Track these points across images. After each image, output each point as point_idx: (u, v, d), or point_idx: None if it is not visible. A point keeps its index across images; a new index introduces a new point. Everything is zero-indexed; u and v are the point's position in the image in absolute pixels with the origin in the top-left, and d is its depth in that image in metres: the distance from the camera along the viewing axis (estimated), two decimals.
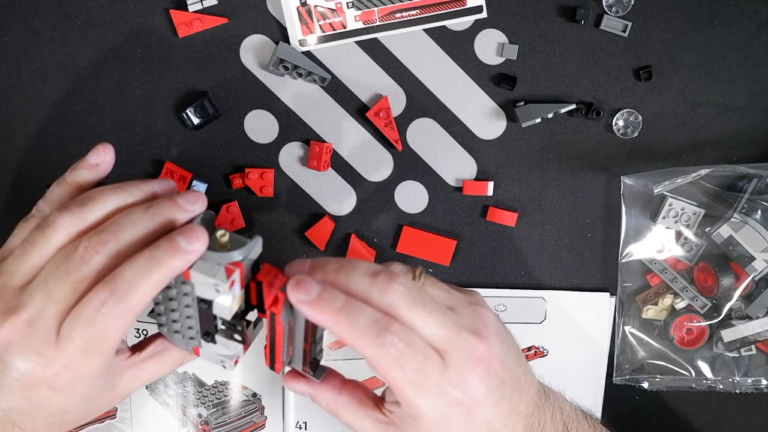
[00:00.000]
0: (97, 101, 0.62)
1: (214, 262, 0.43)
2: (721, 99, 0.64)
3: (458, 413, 0.44)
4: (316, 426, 0.66)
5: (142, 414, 0.65)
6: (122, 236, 0.43)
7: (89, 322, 0.41)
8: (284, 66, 0.61)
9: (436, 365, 0.43)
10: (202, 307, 0.45)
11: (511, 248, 0.66)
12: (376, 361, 0.42)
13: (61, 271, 0.42)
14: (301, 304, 0.42)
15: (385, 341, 0.42)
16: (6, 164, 0.63)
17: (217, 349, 0.47)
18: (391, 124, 0.63)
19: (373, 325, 0.42)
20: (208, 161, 0.63)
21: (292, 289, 0.42)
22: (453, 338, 0.44)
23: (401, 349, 0.42)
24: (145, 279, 0.41)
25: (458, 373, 0.43)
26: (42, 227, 0.44)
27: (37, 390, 0.43)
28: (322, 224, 0.64)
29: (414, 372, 0.42)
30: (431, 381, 0.43)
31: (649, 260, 0.66)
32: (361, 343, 0.42)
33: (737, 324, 0.65)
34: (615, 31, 0.62)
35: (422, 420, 0.44)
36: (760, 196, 0.64)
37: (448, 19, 0.62)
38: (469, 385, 0.44)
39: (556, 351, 0.66)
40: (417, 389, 0.43)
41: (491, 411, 0.45)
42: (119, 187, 0.46)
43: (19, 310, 0.42)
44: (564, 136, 0.64)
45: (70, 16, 0.61)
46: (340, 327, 0.42)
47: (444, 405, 0.44)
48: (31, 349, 0.42)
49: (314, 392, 0.49)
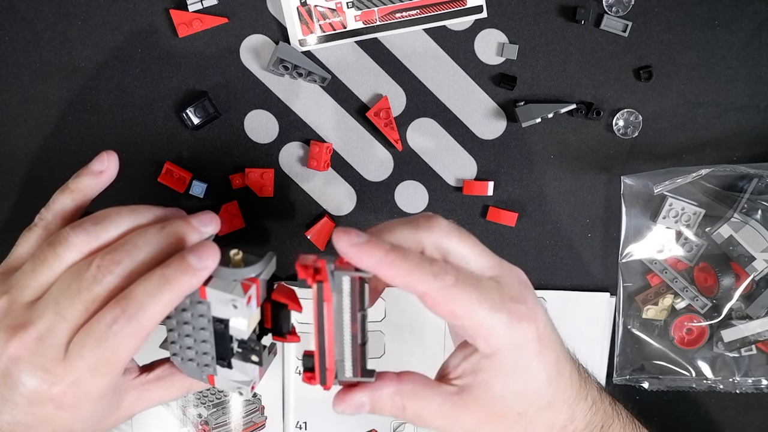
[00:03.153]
0: (97, 101, 0.62)
1: (230, 278, 0.43)
2: (721, 99, 0.64)
3: (532, 333, 0.44)
4: (316, 426, 0.66)
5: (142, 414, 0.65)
6: (135, 256, 0.43)
7: (100, 339, 0.41)
8: (284, 66, 0.61)
9: (493, 286, 0.43)
10: (219, 328, 0.44)
11: (511, 248, 0.66)
12: (436, 292, 0.42)
13: (72, 289, 0.42)
14: (353, 248, 0.41)
15: (439, 270, 0.42)
16: (6, 164, 0.63)
17: (232, 375, 0.47)
18: (391, 124, 0.63)
19: (424, 259, 0.42)
20: (208, 161, 0.63)
21: (340, 236, 0.41)
22: (498, 264, 0.45)
23: (455, 275, 0.42)
24: (156, 297, 0.41)
25: (516, 291, 0.44)
26: (54, 244, 0.44)
27: (42, 407, 0.43)
28: (322, 224, 0.64)
29: (476, 292, 0.42)
30: (495, 299, 0.43)
31: (649, 260, 0.66)
32: (416, 279, 0.41)
33: (737, 324, 0.65)
34: (615, 31, 0.62)
35: (501, 352, 0.43)
36: (760, 196, 0.64)
37: (448, 19, 0.62)
38: (530, 302, 0.44)
39: None
40: (486, 308, 0.42)
41: (553, 335, 0.46)
42: (134, 209, 0.46)
43: (28, 326, 0.42)
44: (564, 136, 0.64)
45: (70, 16, 0.61)
46: (394, 264, 0.41)
47: (517, 322, 0.43)
48: (39, 366, 0.42)
49: (375, 395, 0.45)
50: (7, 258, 0.48)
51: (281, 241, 0.65)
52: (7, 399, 0.43)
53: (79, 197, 0.49)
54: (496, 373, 0.44)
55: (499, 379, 0.44)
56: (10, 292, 0.44)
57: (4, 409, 0.43)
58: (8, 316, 0.43)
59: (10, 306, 0.44)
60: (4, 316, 0.44)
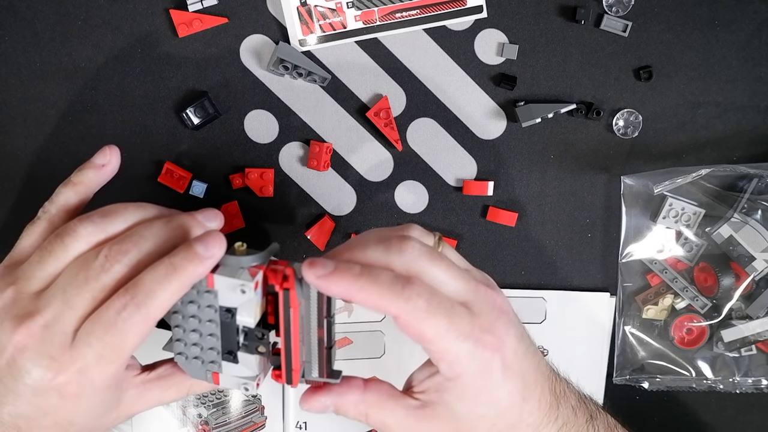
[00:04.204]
0: (97, 101, 0.62)
1: (236, 266, 0.44)
2: (721, 99, 0.64)
3: (497, 361, 0.44)
4: (316, 426, 0.66)
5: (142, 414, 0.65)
6: (143, 246, 0.43)
7: (108, 326, 0.41)
8: (284, 66, 0.61)
9: (464, 313, 0.43)
10: (226, 318, 0.45)
11: (511, 248, 0.66)
12: (407, 315, 0.42)
13: (80, 278, 0.43)
14: (320, 280, 0.41)
15: (411, 293, 0.41)
16: (6, 164, 0.63)
17: (238, 371, 0.47)
18: (391, 124, 0.63)
19: (395, 281, 0.42)
20: (208, 161, 0.63)
21: (308, 269, 0.41)
22: (473, 289, 0.45)
23: (427, 299, 0.42)
24: (164, 285, 0.42)
25: (487, 319, 0.44)
26: (61, 235, 0.44)
27: (46, 396, 0.43)
28: (322, 224, 0.64)
29: (445, 319, 0.42)
30: (464, 327, 0.43)
31: (649, 260, 0.66)
32: (387, 302, 0.41)
33: (737, 324, 0.65)
34: (615, 31, 0.62)
35: (463, 377, 0.44)
36: (760, 196, 0.64)
37: (448, 19, 0.62)
38: (499, 331, 0.44)
39: (556, 351, 0.66)
40: (454, 337, 0.42)
41: (523, 361, 0.45)
42: (140, 205, 0.47)
43: (35, 314, 0.43)
44: (564, 136, 0.64)
45: (70, 16, 0.61)
46: (364, 289, 0.41)
47: (482, 352, 0.43)
48: (45, 354, 0.42)
49: (339, 399, 0.46)
50: (12, 251, 0.48)
51: (281, 241, 0.65)
52: (11, 390, 0.43)
53: (82, 190, 0.50)
54: (458, 396, 0.45)
55: (460, 401, 0.45)
56: (17, 282, 0.44)
57: (7, 400, 0.43)
58: (15, 306, 0.44)
59: (17, 296, 0.44)
60: (11, 306, 0.44)
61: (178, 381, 0.48)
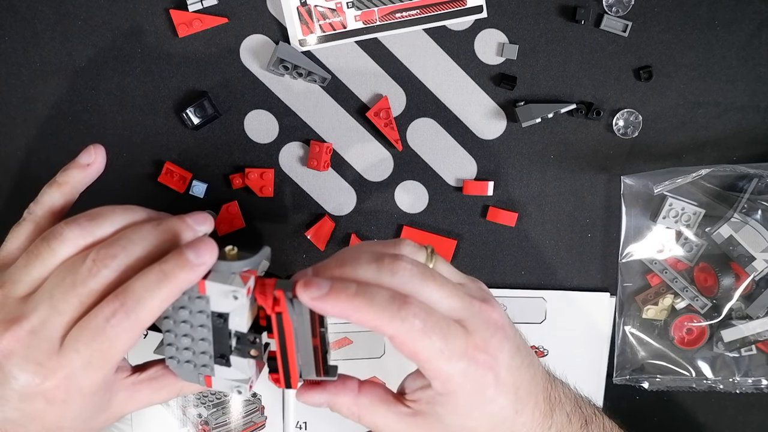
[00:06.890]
0: (97, 101, 0.62)
1: (228, 272, 0.43)
2: (721, 99, 0.64)
3: (489, 379, 0.44)
4: (316, 426, 0.66)
5: (142, 414, 0.65)
6: (131, 251, 0.43)
7: (97, 332, 0.41)
8: (284, 66, 0.61)
9: (459, 332, 0.43)
10: (217, 323, 0.44)
11: (511, 248, 0.66)
12: (402, 335, 0.42)
13: (67, 282, 0.42)
14: (316, 301, 0.41)
15: (408, 314, 0.41)
16: (6, 164, 0.63)
17: (230, 374, 0.47)
18: (391, 124, 0.63)
19: (392, 301, 0.41)
20: (208, 161, 0.63)
21: (302, 290, 0.41)
22: (468, 306, 0.44)
23: (423, 319, 0.42)
24: (154, 292, 0.41)
25: (481, 337, 0.43)
26: (47, 238, 0.44)
27: (33, 402, 0.43)
28: (322, 224, 0.64)
29: (440, 340, 0.42)
30: (459, 347, 0.43)
31: (649, 260, 0.66)
32: (383, 322, 0.41)
33: (737, 324, 0.65)
34: (615, 31, 0.62)
35: (455, 393, 0.44)
36: (760, 196, 0.64)
37: (448, 19, 0.62)
38: (494, 349, 0.44)
39: (556, 351, 0.66)
40: (447, 357, 0.42)
41: (516, 376, 0.45)
42: (127, 207, 0.46)
43: (21, 319, 0.42)
44: (564, 136, 0.64)
45: (70, 16, 0.61)
46: (360, 309, 0.41)
47: (475, 370, 0.43)
48: (32, 359, 0.42)
49: (333, 398, 0.47)
50: None
51: (281, 241, 0.65)
52: None
53: (67, 191, 0.49)
54: (450, 411, 0.45)
55: (451, 415, 0.45)
56: (3, 286, 0.44)
57: None
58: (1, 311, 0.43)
59: (3, 300, 0.43)
60: None
61: (170, 382, 0.48)
